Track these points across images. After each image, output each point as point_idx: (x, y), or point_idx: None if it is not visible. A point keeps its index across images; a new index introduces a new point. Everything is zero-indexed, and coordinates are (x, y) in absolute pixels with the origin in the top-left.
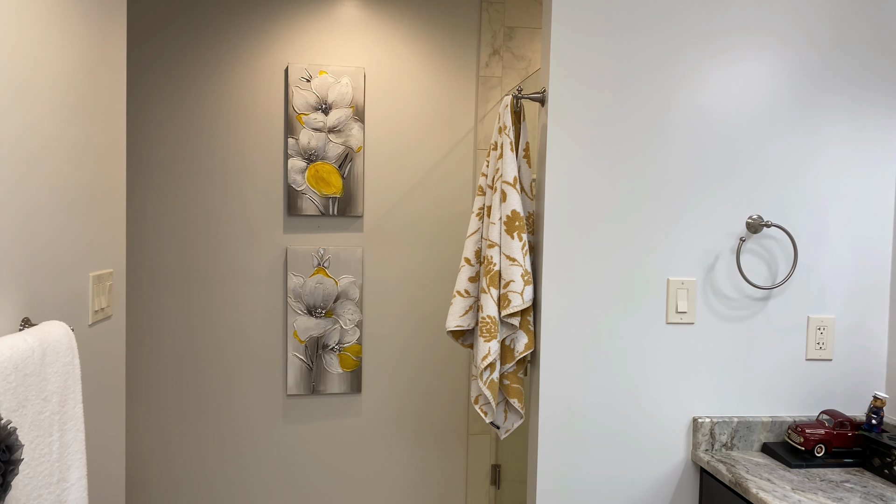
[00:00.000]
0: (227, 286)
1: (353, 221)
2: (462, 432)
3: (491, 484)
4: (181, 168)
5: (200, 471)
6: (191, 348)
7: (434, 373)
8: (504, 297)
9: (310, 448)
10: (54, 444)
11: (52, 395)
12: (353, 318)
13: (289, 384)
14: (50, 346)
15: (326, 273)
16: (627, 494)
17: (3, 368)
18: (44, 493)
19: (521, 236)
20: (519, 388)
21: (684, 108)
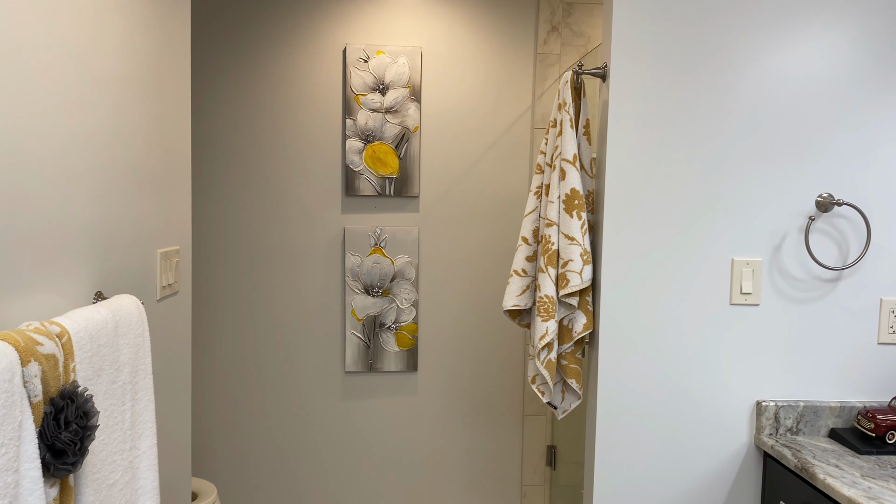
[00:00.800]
0: (287, 265)
1: (410, 202)
2: (517, 413)
3: (546, 465)
4: (243, 149)
5: (262, 443)
6: (252, 324)
7: (489, 353)
8: (562, 276)
9: (367, 424)
10: (126, 413)
11: (125, 366)
12: (409, 297)
13: (347, 361)
14: (122, 318)
15: (383, 253)
16: (687, 477)
17: (80, 339)
18: (117, 459)
19: (581, 215)
20: (577, 369)
21: (752, 81)
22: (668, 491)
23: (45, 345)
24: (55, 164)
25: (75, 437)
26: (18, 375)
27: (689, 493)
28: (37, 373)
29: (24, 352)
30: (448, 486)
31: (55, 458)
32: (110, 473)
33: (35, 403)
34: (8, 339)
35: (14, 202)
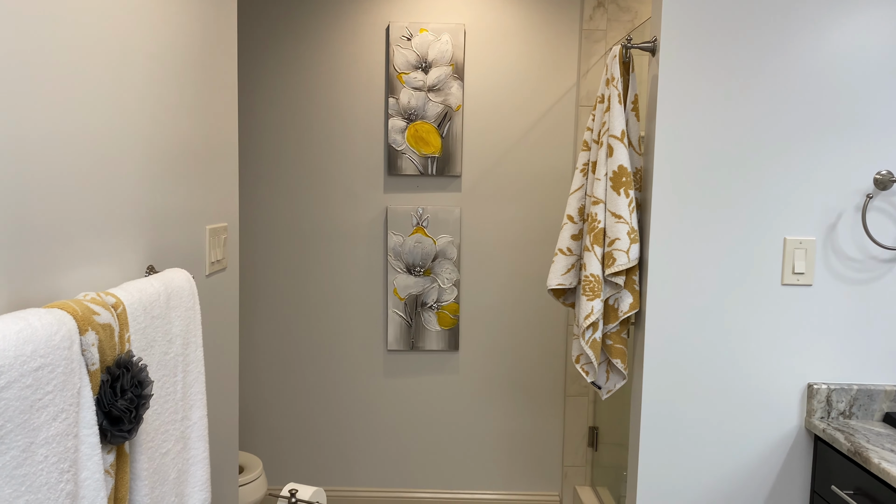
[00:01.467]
0: (330, 244)
1: (452, 181)
2: (559, 393)
3: (588, 446)
4: (287, 129)
5: (306, 419)
6: (296, 302)
7: (531, 333)
8: (609, 255)
9: (409, 402)
10: (178, 384)
11: (176, 338)
12: (450, 277)
13: (389, 340)
14: (174, 290)
15: (425, 232)
16: (734, 460)
17: (134, 310)
18: (170, 429)
19: (628, 193)
20: (622, 349)
21: (808, 54)
22: (715, 474)
23: (101, 314)
24: (108, 143)
25: (131, 405)
26: (77, 343)
27: (735, 477)
28: (94, 341)
29: (82, 321)
30: (489, 465)
31: (112, 425)
32: (163, 442)
33: (92, 371)
34: (66, 309)
35: (71, 180)
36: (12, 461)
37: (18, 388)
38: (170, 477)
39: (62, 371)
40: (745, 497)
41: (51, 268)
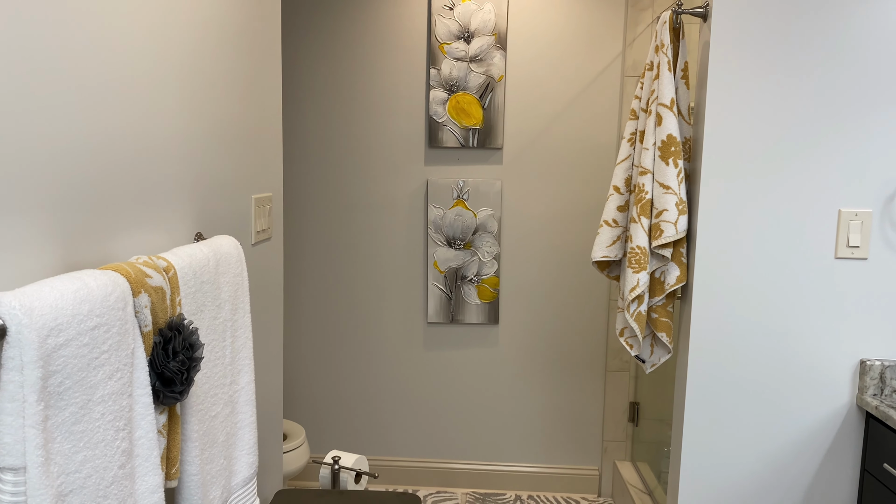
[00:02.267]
0: (370, 216)
1: (493, 153)
2: (600, 368)
3: (629, 421)
4: (328, 101)
5: (347, 389)
6: (337, 274)
7: (572, 308)
8: (656, 226)
9: (448, 374)
10: (227, 349)
11: (225, 303)
12: (491, 250)
13: (429, 312)
14: (222, 256)
15: (465, 205)
16: (781, 437)
17: (184, 275)
18: (219, 392)
19: (677, 163)
20: (668, 322)
21: (868, 19)
22: (761, 451)
23: (153, 277)
24: (156, 112)
25: (182, 367)
26: (130, 305)
27: (782, 454)
28: (147, 304)
29: (135, 283)
30: (527, 438)
31: (164, 387)
32: (212, 406)
33: (145, 333)
34: (120, 271)
35: (122, 147)
36: (71, 417)
37: (76, 346)
38: (219, 439)
39: (117, 331)
40: (793, 474)
41: (103, 232)
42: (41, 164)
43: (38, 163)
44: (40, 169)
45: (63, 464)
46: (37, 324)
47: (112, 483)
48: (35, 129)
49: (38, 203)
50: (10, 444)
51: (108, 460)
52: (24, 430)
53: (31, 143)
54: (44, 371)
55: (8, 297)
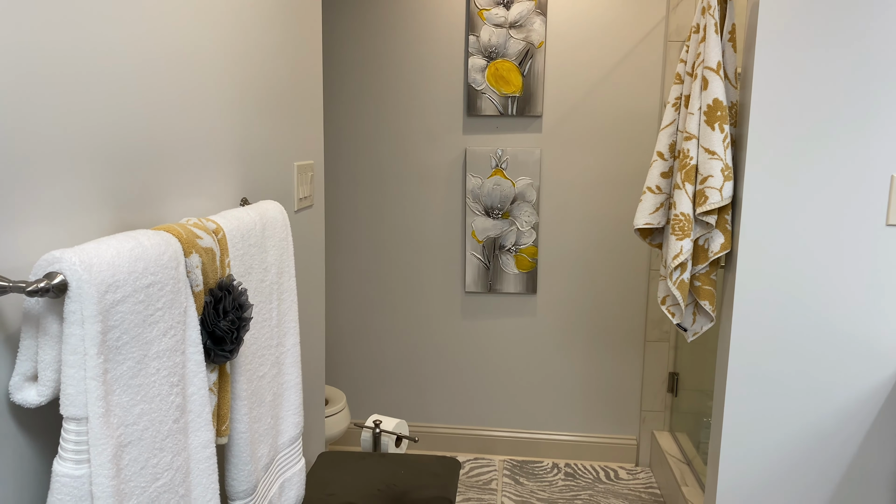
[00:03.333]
0: (409, 186)
1: (532, 122)
2: (639, 338)
3: (668, 391)
4: (366, 69)
5: (386, 356)
6: (376, 243)
7: (612, 278)
8: (700, 193)
9: (486, 343)
10: (273, 312)
11: (271, 267)
12: (529, 220)
13: (467, 282)
14: (268, 221)
15: (504, 174)
16: (826, 406)
17: (232, 237)
18: (266, 353)
19: (723, 128)
20: (711, 291)
21: None
22: (804, 421)
23: (203, 238)
24: (200, 80)
25: (232, 327)
26: (182, 265)
27: (825, 424)
28: (197, 264)
29: (187, 243)
30: (565, 407)
31: (215, 345)
32: (260, 366)
33: (197, 293)
34: (172, 231)
35: (169, 113)
36: (129, 371)
37: (132, 302)
38: (266, 399)
39: (170, 290)
40: (836, 445)
41: (154, 197)
42: (96, 131)
43: (94, 129)
44: (95, 135)
45: (122, 415)
46: (96, 279)
47: (167, 436)
48: (90, 96)
49: (93, 168)
50: (72, 395)
51: (163, 414)
52: (85, 382)
53: (86, 110)
54: (103, 325)
55: (69, 253)
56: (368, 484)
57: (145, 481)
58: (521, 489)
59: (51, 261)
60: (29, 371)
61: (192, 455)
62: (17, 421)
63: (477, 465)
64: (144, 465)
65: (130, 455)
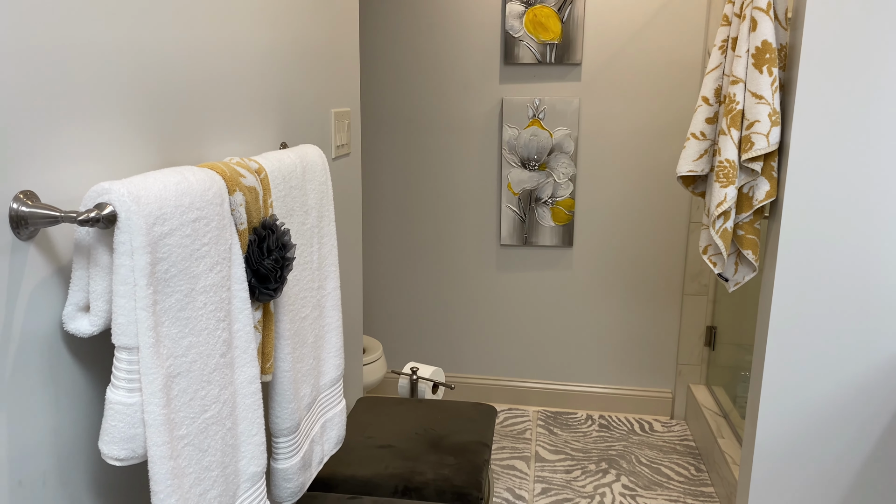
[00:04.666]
0: (444, 136)
1: (571, 70)
2: (677, 292)
3: (705, 345)
4: (401, 17)
5: (420, 306)
6: (411, 194)
7: (650, 230)
8: (746, 139)
9: (521, 297)
10: (314, 255)
11: (312, 210)
12: (566, 171)
13: (502, 234)
14: (308, 164)
15: (541, 125)
16: (869, 361)
17: (274, 178)
18: (307, 296)
19: (772, 71)
20: (754, 240)
21: None
22: (846, 374)
23: (246, 177)
24: (243, 28)
25: (276, 265)
26: (227, 202)
27: (868, 379)
28: (241, 202)
29: (230, 181)
30: (600, 360)
31: (259, 283)
32: (302, 308)
33: (241, 231)
34: (215, 169)
35: (214, 61)
36: (177, 304)
37: (180, 236)
38: (308, 340)
39: (215, 226)
40: (879, 400)
41: (196, 138)
42: (142, 69)
43: (140, 67)
44: (141, 74)
45: (171, 347)
46: (144, 211)
47: (214, 370)
48: (134, 37)
49: (139, 105)
50: (123, 325)
51: (210, 348)
52: (135, 313)
53: (133, 49)
54: (152, 257)
55: (117, 185)
56: (406, 427)
57: (194, 412)
58: (555, 439)
59: (100, 192)
60: (81, 301)
61: (238, 390)
62: (71, 351)
63: (511, 416)
64: (193, 397)
65: (180, 386)
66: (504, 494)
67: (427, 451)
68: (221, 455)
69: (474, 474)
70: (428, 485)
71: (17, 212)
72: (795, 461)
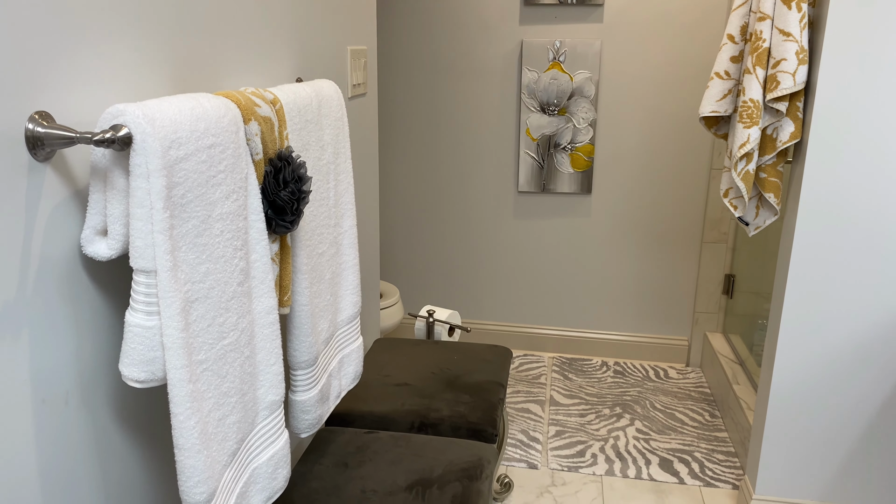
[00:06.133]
0: (462, 79)
1: (593, 11)
2: (696, 239)
3: (723, 293)
4: None
5: (437, 253)
6: (428, 138)
7: (670, 177)
8: (772, 78)
9: (538, 243)
10: (330, 191)
11: (327, 146)
12: (586, 116)
13: (520, 181)
14: (324, 98)
15: (561, 68)
16: (888, 311)
17: (290, 110)
18: (324, 232)
19: (801, 6)
20: (776, 183)
21: None
22: (865, 321)
23: (262, 107)
24: None
25: (292, 197)
26: (242, 130)
27: (888, 327)
28: (257, 132)
29: (245, 110)
30: (617, 307)
31: (276, 215)
32: (318, 244)
33: (256, 161)
34: (230, 97)
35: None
36: (194, 229)
37: (195, 161)
38: (325, 276)
39: (231, 153)
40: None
41: (211, 67)
42: None
43: None
44: None
45: (189, 272)
46: (159, 134)
47: (232, 298)
48: None
49: (154, 32)
50: (140, 248)
51: (228, 275)
52: (153, 236)
53: None
54: (168, 181)
55: (132, 107)
56: (423, 367)
57: (212, 338)
58: (569, 384)
59: (115, 114)
60: (99, 225)
61: (256, 319)
62: (91, 274)
63: (526, 361)
64: (211, 323)
65: (198, 311)
66: (518, 436)
67: (443, 390)
68: (240, 382)
69: (489, 412)
70: (443, 421)
71: (34, 132)
72: (810, 406)
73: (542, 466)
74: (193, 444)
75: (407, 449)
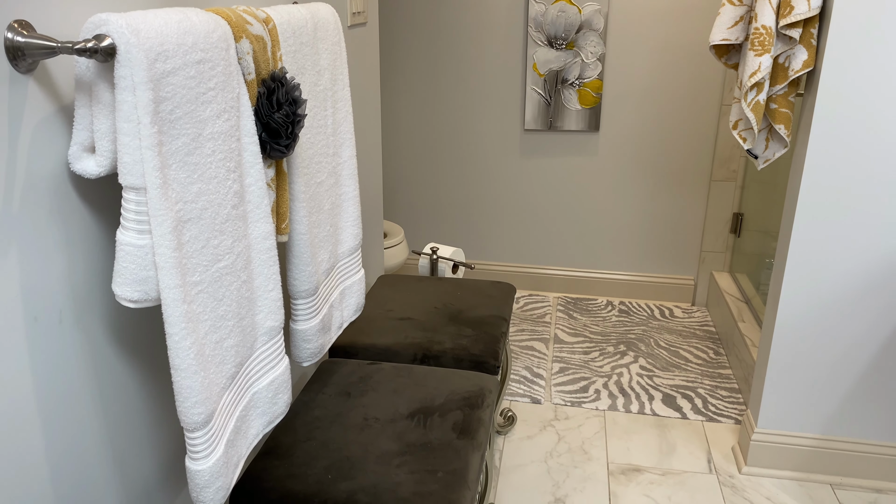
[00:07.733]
0: (467, 11)
1: None
2: (704, 178)
3: (730, 232)
4: None
5: (443, 193)
6: (432, 73)
7: (680, 114)
8: (785, 3)
9: (544, 183)
10: (328, 119)
11: (324, 71)
12: (595, 50)
13: (526, 119)
14: (320, 22)
15: (570, 0)
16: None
17: (283, 31)
18: (322, 161)
19: None
20: (787, 114)
21: None
22: (872, 257)
23: (254, 25)
24: None
25: (287, 120)
26: (233, 48)
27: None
28: (248, 50)
29: (236, 27)
30: (623, 247)
31: (270, 138)
32: (317, 173)
33: (249, 81)
34: (220, 14)
35: None
36: (184, 147)
37: (183, 76)
38: (324, 207)
39: (221, 71)
40: None
41: None
42: None
43: None
44: None
45: (180, 191)
46: (144, 45)
47: (226, 220)
48: None
49: None
50: (129, 164)
51: (221, 197)
52: (141, 152)
53: None
54: (154, 94)
55: (115, 16)
56: (426, 302)
57: (207, 260)
58: (574, 323)
59: (98, 23)
60: (86, 141)
61: (252, 244)
62: (80, 192)
63: (531, 301)
64: (205, 245)
65: (191, 232)
66: (522, 372)
67: (446, 324)
68: (237, 306)
69: (492, 344)
70: (446, 353)
71: (13, 41)
72: (814, 341)
73: (546, 401)
74: (190, 364)
75: (409, 379)
